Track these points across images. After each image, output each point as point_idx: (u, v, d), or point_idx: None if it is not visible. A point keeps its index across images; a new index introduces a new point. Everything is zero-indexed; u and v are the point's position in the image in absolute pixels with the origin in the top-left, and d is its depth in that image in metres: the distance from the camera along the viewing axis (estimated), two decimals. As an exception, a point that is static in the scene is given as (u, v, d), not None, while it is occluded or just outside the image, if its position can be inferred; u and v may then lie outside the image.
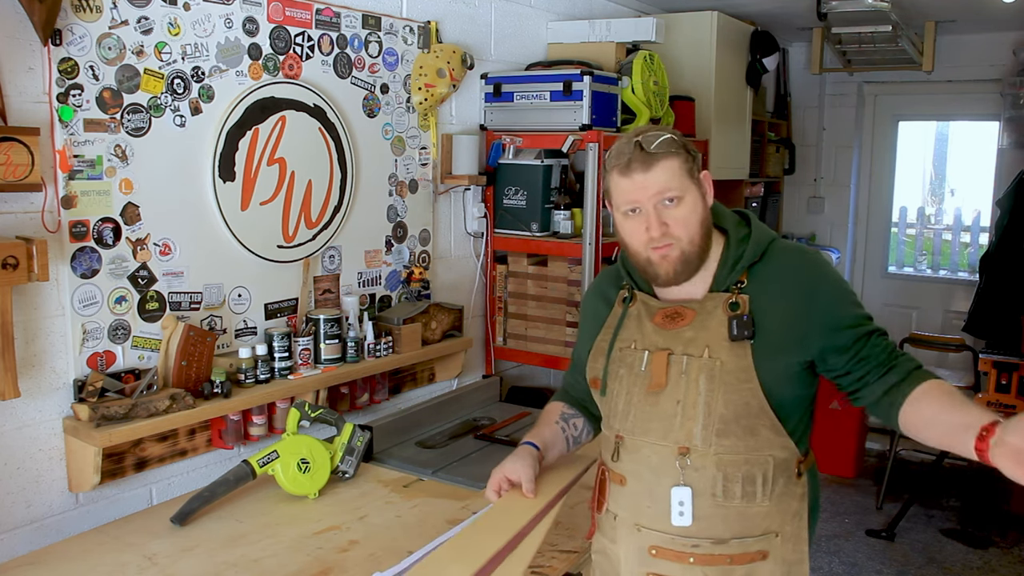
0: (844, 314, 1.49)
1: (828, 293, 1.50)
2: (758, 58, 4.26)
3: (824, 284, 1.50)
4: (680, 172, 1.48)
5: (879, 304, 5.49)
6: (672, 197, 1.47)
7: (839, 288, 1.52)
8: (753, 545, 1.47)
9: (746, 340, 1.46)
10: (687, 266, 1.50)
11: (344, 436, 2.20)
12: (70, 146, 1.87)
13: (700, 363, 1.48)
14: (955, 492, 4.52)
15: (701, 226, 1.50)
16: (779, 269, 1.51)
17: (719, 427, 1.45)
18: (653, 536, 1.51)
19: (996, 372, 3.94)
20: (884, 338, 1.51)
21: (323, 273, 2.53)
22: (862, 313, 1.52)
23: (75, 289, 1.91)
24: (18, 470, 1.86)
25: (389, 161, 2.71)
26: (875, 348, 1.48)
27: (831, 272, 1.54)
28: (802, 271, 1.51)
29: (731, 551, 1.47)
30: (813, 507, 1.57)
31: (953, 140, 5.53)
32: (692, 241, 1.49)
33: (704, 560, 1.48)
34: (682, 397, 1.48)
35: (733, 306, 1.48)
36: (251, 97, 2.23)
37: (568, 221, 3.01)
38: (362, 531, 1.91)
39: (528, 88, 2.97)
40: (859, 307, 1.52)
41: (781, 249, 1.55)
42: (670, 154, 1.47)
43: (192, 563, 1.75)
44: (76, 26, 1.86)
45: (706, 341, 1.48)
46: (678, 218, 1.47)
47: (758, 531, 1.48)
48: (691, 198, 1.49)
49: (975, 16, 4.31)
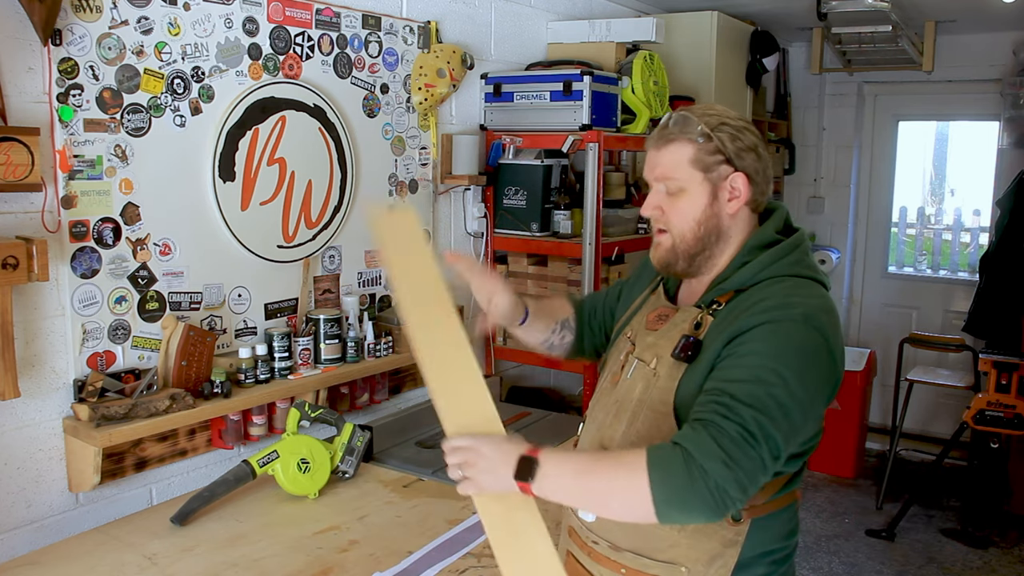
0: (735, 364, 1.25)
1: (752, 340, 1.26)
2: (758, 58, 4.26)
3: (761, 333, 1.26)
4: (688, 161, 1.35)
5: (879, 304, 5.50)
6: (673, 186, 1.37)
7: (768, 342, 1.25)
8: (651, 567, 1.36)
9: (683, 362, 1.33)
10: (675, 260, 1.40)
11: (344, 436, 2.20)
12: (70, 146, 1.87)
13: (644, 371, 1.40)
14: (955, 492, 4.51)
15: (698, 226, 1.37)
16: (750, 301, 1.32)
17: (634, 440, 1.37)
18: (570, 517, 1.51)
19: (996, 372, 3.94)
20: (722, 416, 1.19)
21: (323, 273, 2.53)
22: (753, 384, 1.21)
23: (75, 289, 1.91)
24: (18, 470, 1.86)
25: (389, 161, 2.71)
26: (699, 409, 1.23)
27: (784, 327, 1.26)
28: (761, 312, 1.28)
29: (625, 562, 1.39)
30: (759, 556, 1.37)
31: (953, 140, 5.53)
32: (682, 238, 1.38)
33: (600, 560, 1.43)
34: (621, 398, 1.43)
35: (697, 326, 1.36)
36: (251, 97, 2.23)
37: (568, 221, 3.01)
38: (362, 531, 1.91)
39: (528, 88, 2.97)
40: (761, 381, 1.21)
41: (770, 285, 1.34)
42: (684, 138, 1.35)
43: (192, 563, 1.75)
44: (76, 26, 1.86)
45: (659, 351, 1.39)
46: (674, 208, 1.38)
47: (661, 556, 1.36)
48: (695, 192, 1.36)
49: (975, 16, 4.31)
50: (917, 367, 4.78)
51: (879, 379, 5.18)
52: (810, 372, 1.25)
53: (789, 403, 1.22)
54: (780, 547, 1.41)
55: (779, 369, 1.22)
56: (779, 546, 1.41)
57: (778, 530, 1.40)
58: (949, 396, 5.04)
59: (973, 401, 4.00)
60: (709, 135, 1.34)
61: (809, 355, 1.26)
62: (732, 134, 1.36)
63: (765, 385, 1.21)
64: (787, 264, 1.37)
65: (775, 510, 1.38)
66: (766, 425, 1.19)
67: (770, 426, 1.19)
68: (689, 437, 1.19)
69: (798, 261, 1.38)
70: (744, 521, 1.35)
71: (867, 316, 5.53)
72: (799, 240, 1.40)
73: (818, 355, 1.27)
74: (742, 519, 1.34)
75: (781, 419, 1.21)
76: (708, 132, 1.34)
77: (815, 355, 1.27)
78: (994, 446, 4.15)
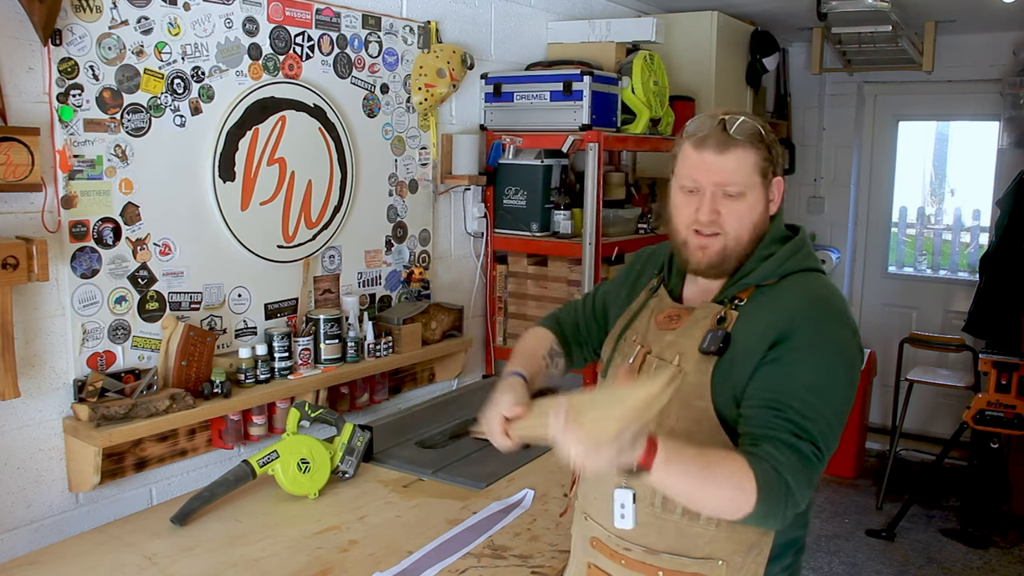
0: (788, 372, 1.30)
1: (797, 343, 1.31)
2: (758, 58, 4.26)
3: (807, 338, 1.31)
4: (752, 167, 1.38)
5: (879, 304, 5.50)
6: (734, 190, 1.38)
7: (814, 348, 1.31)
8: (690, 566, 1.38)
9: (713, 356, 1.36)
10: (724, 262, 1.42)
11: (344, 436, 2.20)
12: (70, 146, 1.87)
13: (668, 369, 1.40)
14: (955, 492, 4.51)
15: (754, 229, 1.41)
16: (781, 299, 1.38)
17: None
18: (594, 528, 1.50)
19: (996, 372, 3.94)
20: (797, 437, 1.25)
21: (323, 273, 2.53)
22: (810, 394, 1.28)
23: (75, 289, 1.91)
24: (18, 470, 1.86)
25: (389, 161, 2.71)
26: (768, 423, 1.27)
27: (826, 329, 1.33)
28: (799, 312, 1.34)
29: (663, 564, 1.39)
30: (786, 546, 1.43)
31: (953, 140, 5.53)
32: (739, 240, 1.41)
33: (634, 566, 1.43)
34: None
35: (721, 320, 1.39)
36: (251, 97, 2.23)
37: (568, 221, 3.01)
38: (362, 531, 1.91)
39: (528, 88, 2.97)
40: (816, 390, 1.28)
41: (799, 281, 1.40)
42: (749, 145, 1.38)
43: (192, 563, 1.75)
44: (76, 26, 1.86)
45: (681, 349, 1.41)
46: (733, 211, 1.39)
47: (699, 553, 1.38)
48: (754, 197, 1.40)
49: (975, 16, 4.31)
50: (917, 367, 4.78)
51: (879, 379, 5.17)
52: (853, 374, 1.36)
53: (841, 407, 1.32)
54: (802, 535, 1.48)
55: (831, 378, 1.31)
56: (801, 534, 1.47)
57: (801, 517, 1.44)
58: (949, 396, 5.04)
59: (973, 401, 4.00)
60: (767, 143, 1.40)
61: (850, 357, 1.35)
62: (776, 139, 1.44)
63: (823, 396, 1.30)
64: (802, 258, 1.43)
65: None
66: (829, 439, 1.29)
67: (832, 438, 1.30)
68: (785, 465, 1.25)
69: (809, 255, 1.45)
70: None
71: (867, 316, 5.53)
72: (805, 235, 1.48)
73: (856, 354, 1.37)
74: None
75: (838, 428, 1.31)
76: (768, 140, 1.40)
77: (854, 356, 1.36)
78: (994, 446, 4.14)
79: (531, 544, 1.86)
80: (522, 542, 1.88)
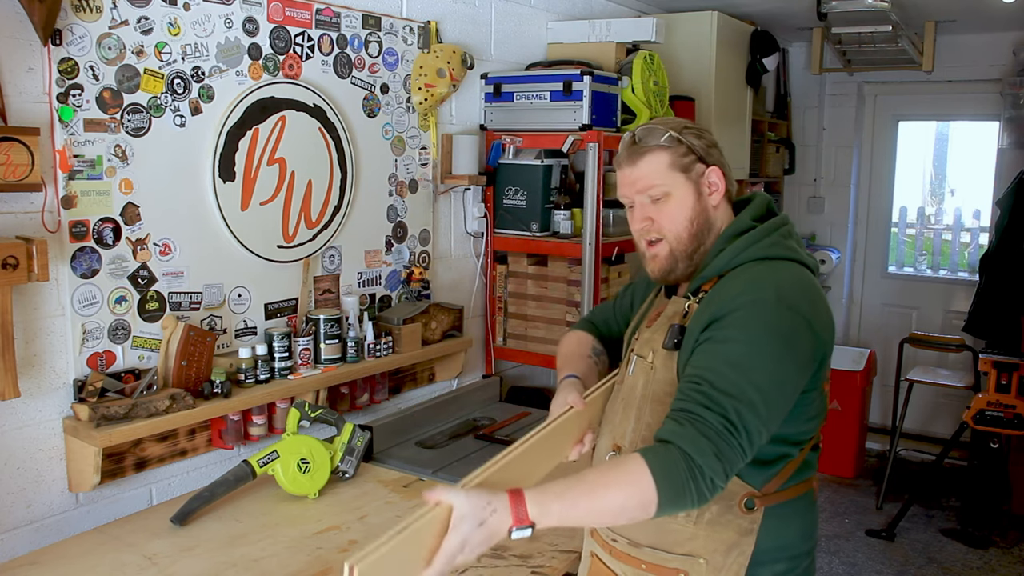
0: (712, 349, 1.30)
1: (728, 325, 1.30)
2: (758, 58, 4.26)
3: (736, 319, 1.30)
4: (667, 166, 1.43)
5: (879, 304, 5.50)
6: (657, 192, 1.43)
7: (743, 326, 1.29)
8: (671, 561, 1.40)
9: (675, 350, 1.39)
10: (676, 265, 1.46)
11: (344, 436, 2.20)
12: (70, 146, 1.87)
13: (643, 366, 1.46)
14: (955, 492, 4.51)
15: (691, 223, 1.44)
16: (726, 286, 1.38)
17: (644, 434, 1.42)
18: None
19: (996, 372, 3.94)
20: (705, 408, 1.24)
21: (323, 273, 2.53)
22: (730, 368, 1.26)
23: (75, 289, 1.91)
24: (18, 470, 1.86)
25: (389, 161, 2.71)
26: (683, 395, 1.28)
27: (759, 308, 1.31)
28: (734, 297, 1.33)
29: (645, 557, 1.42)
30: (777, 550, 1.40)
31: (953, 140, 5.53)
32: (679, 239, 1.44)
33: (621, 557, 1.46)
34: (626, 396, 1.49)
35: (684, 315, 1.42)
36: (251, 97, 2.23)
37: (568, 221, 3.01)
38: (362, 531, 1.91)
39: (528, 88, 2.97)
40: (737, 366, 1.26)
41: (749, 268, 1.39)
42: (658, 148, 1.43)
43: (192, 563, 1.75)
44: (76, 26, 1.86)
45: (653, 346, 1.45)
46: (664, 213, 1.44)
47: (680, 550, 1.39)
48: (680, 193, 1.43)
49: (975, 16, 4.31)
50: (917, 367, 4.78)
51: (879, 379, 5.18)
52: (789, 352, 1.30)
53: (768, 387, 1.26)
54: (798, 542, 1.43)
55: (756, 353, 1.28)
56: (797, 540, 1.43)
57: (795, 522, 1.43)
58: (949, 396, 5.04)
59: (973, 401, 4.00)
60: (678, 139, 1.43)
61: (785, 335, 1.30)
62: (696, 133, 1.45)
63: (743, 371, 1.26)
64: (762, 247, 1.41)
65: (789, 499, 1.41)
66: (745, 414, 1.24)
67: (749, 414, 1.24)
68: (680, 435, 1.23)
69: (775, 244, 1.42)
70: (758, 509, 1.38)
71: (867, 316, 5.53)
72: (776, 224, 1.45)
73: (795, 334, 1.31)
74: (755, 507, 1.37)
75: (760, 405, 1.25)
76: (676, 136, 1.43)
77: (792, 334, 1.31)
78: (994, 446, 4.15)
79: (531, 544, 1.86)
80: (522, 542, 1.88)
